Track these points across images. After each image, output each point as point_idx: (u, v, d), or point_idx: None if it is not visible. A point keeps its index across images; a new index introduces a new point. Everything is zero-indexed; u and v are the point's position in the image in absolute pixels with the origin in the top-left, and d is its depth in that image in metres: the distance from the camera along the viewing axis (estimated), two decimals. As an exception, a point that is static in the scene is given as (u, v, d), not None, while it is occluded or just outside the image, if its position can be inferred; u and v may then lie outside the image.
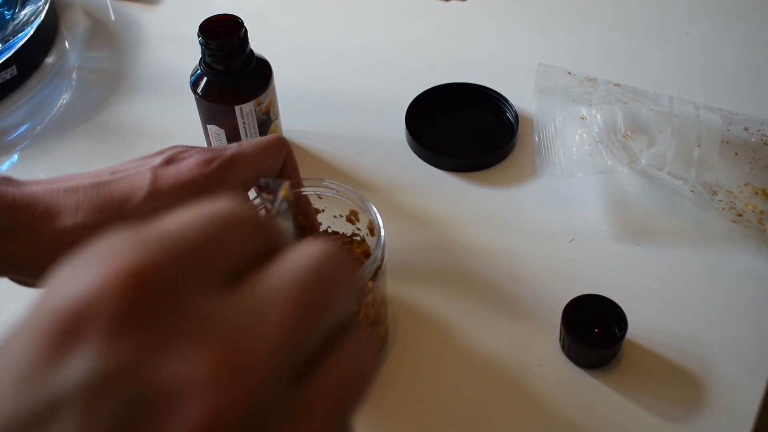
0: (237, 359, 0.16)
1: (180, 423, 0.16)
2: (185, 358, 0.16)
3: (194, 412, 0.16)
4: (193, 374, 0.16)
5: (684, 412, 0.48)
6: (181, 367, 0.16)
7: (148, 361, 0.16)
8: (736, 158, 0.60)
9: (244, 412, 0.16)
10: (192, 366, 0.16)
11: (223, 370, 0.16)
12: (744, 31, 0.75)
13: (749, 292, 0.54)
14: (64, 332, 0.16)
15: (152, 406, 0.16)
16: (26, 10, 0.72)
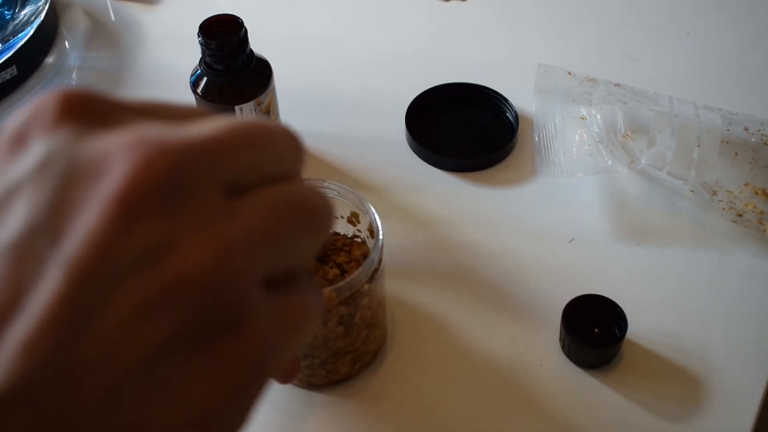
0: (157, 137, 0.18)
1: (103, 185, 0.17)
2: (113, 136, 0.18)
3: (117, 171, 0.17)
4: (118, 143, 0.18)
5: (684, 412, 0.48)
6: (108, 141, 0.18)
7: (80, 141, 0.18)
8: (736, 158, 0.60)
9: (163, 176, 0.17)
10: (118, 138, 0.18)
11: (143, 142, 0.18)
12: (744, 31, 0.75)
13: (749, 292, 0.54)
14: (16, 139, 0.19)
15: (83, 174, 0.18)
16: (26, 10, 0.72)
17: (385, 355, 0.51)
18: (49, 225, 0.17)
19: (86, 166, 0.18)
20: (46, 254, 0.17)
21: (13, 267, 0.17)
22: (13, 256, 0.17)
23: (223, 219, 0.18)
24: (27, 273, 0.17)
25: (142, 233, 0.17)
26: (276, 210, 0.19)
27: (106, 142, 0.18)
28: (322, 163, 0.63)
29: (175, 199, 0.18)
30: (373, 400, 0.49)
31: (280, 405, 0.49)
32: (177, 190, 0.18)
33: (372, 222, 0.47)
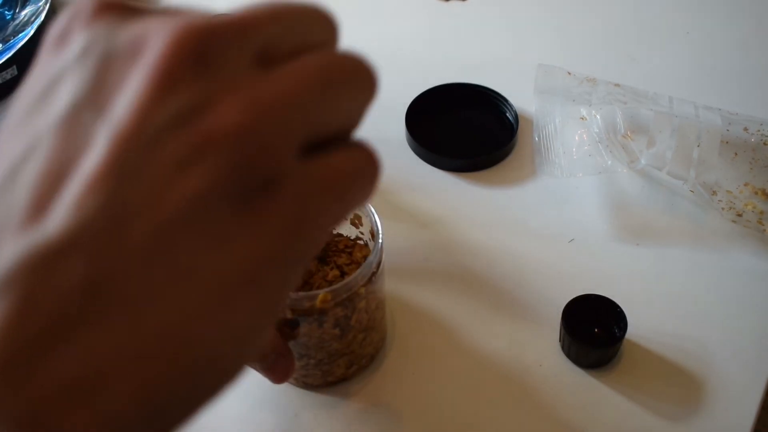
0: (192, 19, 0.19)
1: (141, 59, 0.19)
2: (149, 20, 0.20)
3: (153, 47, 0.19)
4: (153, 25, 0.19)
5: (683, 412, 0.48)
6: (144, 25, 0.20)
7: (119, 27, 0.20)
8: (736, 158, 0.60)
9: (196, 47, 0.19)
10: (153, 22, 0.19)
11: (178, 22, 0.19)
12: (744, 31, 0.75)
13: (749, 291, 0.54)
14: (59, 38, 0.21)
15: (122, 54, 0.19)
16: (27, 11, 0.72)
17: (383, 354, 0.51)
18: (92, 99, 0.19)
19: (124, 47, 0.19)
20: (92, 125, 0.19)
21: (62, 138, 0.19)
22: (61, 129, 0.19)
23: (255, 82, 0.19)
24: (75, 142, 0.18)
25: (179, 97, 0.18)
26: (310, 70, 0.20)
27: (141, 26, 0.20)
28: (322, 163, 0.63)
29: (208, 66, 0.19)
30: (371, 400, 0.49)
31: (276, 403, 0.49)
32: (210, 58, 0.19)
33: (372, 225, 0.47)
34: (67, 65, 0.20)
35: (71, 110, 0.19)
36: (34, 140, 0.19)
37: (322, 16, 0.22)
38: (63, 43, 0.21)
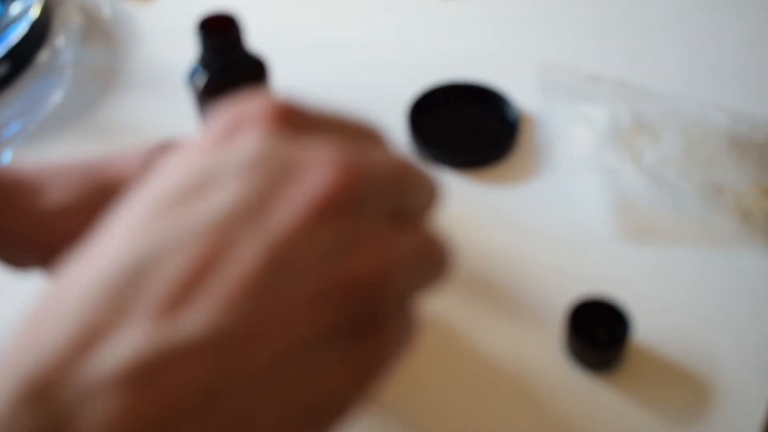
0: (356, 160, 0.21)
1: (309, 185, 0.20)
2: (319, 148, 0.21)
3: (320, 179, 0.20)
4: (323, 155, 0.21)
5: (689, 415, 0.47)
6: (316, 152, 0.21)
7: (292, 146, 0.21)
8: (742, 157, 0.60)
9: (354, 193, 0.21)
10: (324, 151, 0.21)
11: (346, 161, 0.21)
12: (750, 29, 0.74)
13: (756, 292, 0.54)
14: (231, 129, 0.22)
15: (292, 174, 0.21)
16: (19, 6, 0.71)
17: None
18: (257, 208, 0.20)
19: (291, 166, 0.21)
20: (250, 231, 0.20)
21: (214, 239, 0.20)
22: (215, 230, 0.20)
23: (389, 238, 0.22)
24: (231, 242, 0.19)
25: (331, 231, 0.20)
26: (424, 244, 0.23)
27: (311, 150, 0.21)
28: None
29: (357, 210, 0.21)
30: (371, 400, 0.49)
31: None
32: (361, 204, 0.21)
33: None
34: (231, 166, 0.21)
35: (229, 215, 0.20)
36: (184, 232, 0.20)
37: (436, 185, 0.25)
38: (230, 139, 0.21)
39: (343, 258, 0.20)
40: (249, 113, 0.22)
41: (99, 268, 0.19)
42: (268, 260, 0.19)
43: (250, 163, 0.21)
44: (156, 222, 0.20)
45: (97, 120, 0.68)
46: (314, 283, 0.20)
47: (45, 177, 0.40)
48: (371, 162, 0.22)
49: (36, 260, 0.41)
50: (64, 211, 0.39)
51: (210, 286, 0.19)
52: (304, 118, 0.22)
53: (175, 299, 0.18)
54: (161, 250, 0.19)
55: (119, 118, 0.68)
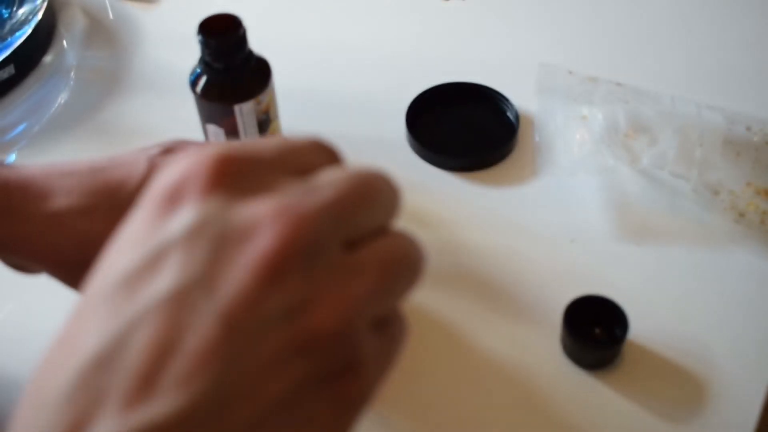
0: (296, 206, 0.21)
1: (252, 248, 0.20)
2: (258, 205, 0.21)
3: (262, 240, 0.20)
4: (262, 215, 0.21)
5: (685, 413, 0.48)
6: (254, 211, 0.21)
7: (229, 209, 0.21)
8: (739, 158, 0.60)
9: (300, 246, 0.21)
10: (262, 209, 0.21)
11: (285, 212, 0.21)
12: (746, 30, 0.75)
13: (751, 292, 0.54)
14: (169, 199, 0.21)
15: (234, 240, 0.20)
16: (24, 9, 0.72)
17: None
18: (204, 280, 0.20)
19: (236, 232, 0.21)
20: (202, 305, 0.20)
21: (171, 313, 0.20)
22: (171, 303, 0.20)
23: (344, 277, 0.21)
24: (184, 319, 0.19)
25: (283, 293, 0.20)
26: (385, 266, 0.23)
27: (252, 211, 0.21)
28: (321, 163, 0.63)
29: (308, 262, 0.21)
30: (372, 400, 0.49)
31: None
32: (310, 254, 0.21)
33: None
34: (176, 237, 0.21)
35: (181, 287, 0.20)
36: (142, 311, 0.20)
37: (394, 192, 0.24)
38: (173, 207, 0.21)
39: (302, 317, 0.20)
40: (184, 179, 0.22)
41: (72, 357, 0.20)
42: (223, 329, 0.19)
43: (191, 236, 0.20)
44: (112, 308, 0.20)
45: (101, 121, 0.68)
46: (276, 342, 0.20)
47: (52, 180, 0.40)
48: (316, 200, 0.21)
49: (43, 264, 0.41)
50: (71, 215, 0.39)
51: (172, 365, 0.19)
52: (242, 168, 0.22)
53: (141, 383, 0.19)
54: (123, 335, 0.19)
55: (123, 120, 0.68)
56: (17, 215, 0.39)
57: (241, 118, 0.57)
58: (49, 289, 0.43)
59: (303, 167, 0.24)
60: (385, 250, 0.23)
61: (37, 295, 0.53)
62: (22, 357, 0.49)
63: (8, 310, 0.55)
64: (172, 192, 0.22)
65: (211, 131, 0.59)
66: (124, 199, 0.40)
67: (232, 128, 0.58)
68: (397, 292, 0.23)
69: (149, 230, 0.21)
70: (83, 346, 0.20)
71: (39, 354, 0.21)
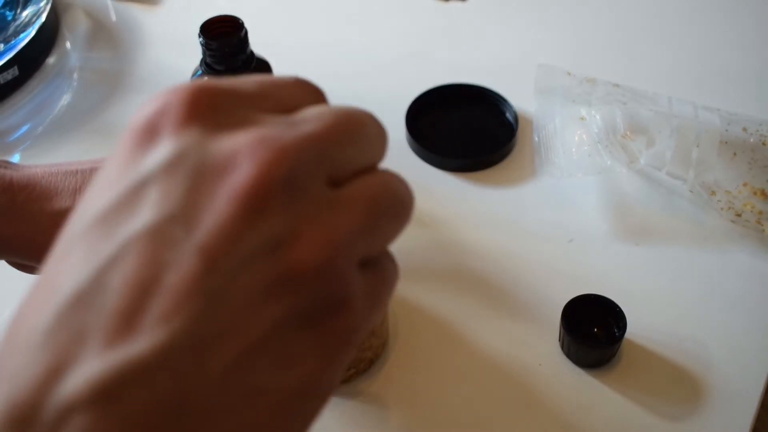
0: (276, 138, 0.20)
1: (231, 181, 0.19)
2: (237, 136, 0.20)
3: (241, 173, 0.19)
4: (241, 147, 0.20)
5: (683, 412, 0.48)
6: (233, 142, 0.20)
7: (207, 141, 0.20)
8: (735, 158, 0.60)
9: (280, 178, 0.20)
10: (242, 140, 0.20)
11: (265, 143, 0.20)
12: (743, 31, 0.75)
13: (748, 291, 0.54)
14: (144, 134, 0.21)
15: (213, 172, 0.20)
16: (27, 11, 0.72)
17: (384, 355, 0.51)
18: (183, 215, 0.19)
19: (215, 164, 0.20)
20: (181, 240, 0.19)
21: (150, 249, 0.19)
22: (149, 239, 0.19)
23: (330, 212, 0.21)
24: (163, 255, 0.19)
25: (265, 225, 0.19)
26: (372, 202, 0.22)
27: (231, 142, 0.20)
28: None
29: (290, 194, 0.20)
30: (372, 400, 0.49)
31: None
32: (292, 186, 0.20)
33: None
34: (154, 172, 0.20)
35: (159, 222, 0.19)
36: (120, 248, 0.19)
37: (380, 131, 0.24)
38: (149, 142, 0.21)
39: (285, 250, 0.19)
40: (163, 108, 0.21)
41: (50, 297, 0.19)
42: (203, 265, 0.19)
43: (169, 168, 0.20)
44: (89, 247, 0.19)
45: (104, 122, 0.69)
46: (259, 278, 0.19)
47: (55, 180, 0.40)
48: (298, 132, 0.21)
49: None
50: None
51: (152, 302, 0.18)
52: (220, 100, 0.21)
53: (122, 321, 0.18)
54: (101, 273, 0.19)
55: (126, 121, 0.68)
56: (21, 215, 0.39)
57: (243, 120, 0.58)
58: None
59: (285, 104, 0.23)
60: (372, 186, 0.22)
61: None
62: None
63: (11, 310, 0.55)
64: (148, 126, 0.21)
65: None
66: None
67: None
68: (385, 231, 0.22)
69: (125, 166, 0.20)
70: (61, 286, 0.19)
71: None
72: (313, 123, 0.21)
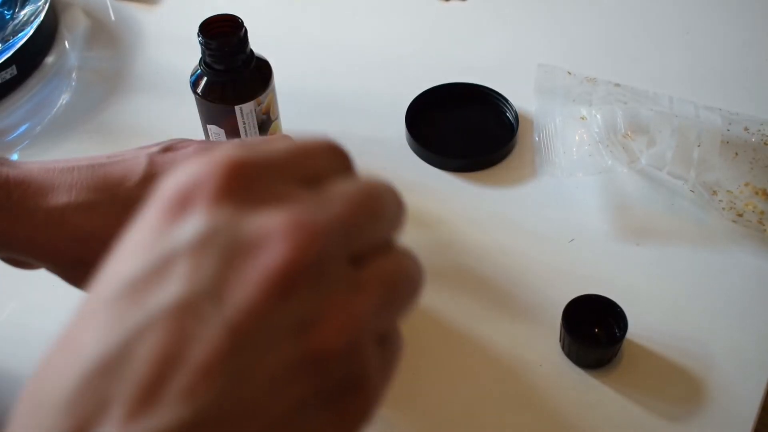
0: (308, 221, 0.21)
1: (263, 261, 0.20)
2: (269, 218, 0.21)
3: (274, 253, 0.20)
4: (274, 227, 0.20)
5: (684, 412, 0.48)
6: (265, 224, 0.21)
7: (240, 218, 0.21)
8: (736, 158, 0.60)
9: (311, 261, 0.20)
10: (274, 220, 0.21)
11: (297, 226, 0.21)
12: (744, 30, 0.75)
13: (749, 291, 0.54)
14: (177, 204, 0.21)
15: (244, 250, 0.20)
16: (26, 10, 0.72)
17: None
18: (212, 290, 0.20)
19: (247, 243, 0.20)
20: (209, 315, 0.19)
21: (178, 323, 0.19)
22: (178, 312, 0.19)
23: (352, 294, 0.21)
24: (191, 329, 0.19)
25: (292, 307, 0.20)
26: (390, 284, 0.23)
27: (263, 221, 0.21)
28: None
29: (317, 276, 0.21)
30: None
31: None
32: (319, 269, 0.21)
33: None
34: (185, 245, 0.20)
35: (189, 296, 0.19)
36: (148, 318, 0.19)
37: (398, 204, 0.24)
38: (181, 213, 0.21)
39: (310, 332, 0.20)
40: (194, 184, 0.21)
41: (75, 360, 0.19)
42: (230, 341, 0.19)
43: (201, 243, 0.20)
44: (117, 313, 0.20)
45: (102, 122, 0.69)
46: (284, 358, 0.20)
47: (51, 177, 0.40)
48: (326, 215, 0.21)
49: (42, 260, 0.41)
50: (70, 211, 0.39)
51: (176, 376, 0.19)
52: (253, 175, 0.22)
53: (145, 393, 0.18)
54: (127, 342, 0.19)
55: (124, 121, 0.69)
56: (17, 211, 0.39)
57: (242, 119, 0.58)
58: (51, 288, 0.43)
59: (313, 173, 0.23)
60: (389, 268, 0.23)
61: (40, 295, 0.53)
62: (24, 356, 0.50)
63: (11, 308, 0.55)
64: (182, 197, 0.21)
65: (212, 132, 0.60)
66: (123, 196, 0.40)
67: (232, 129, 0.58)
68: (399, 309, 0.23)
69: (157, 235, 0.21)
70: (86, 351, 0.19)
71: (41, 354, 0.21)
72: (340, 204, 0.22)
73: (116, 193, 0.40)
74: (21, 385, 0.20)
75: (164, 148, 0.43)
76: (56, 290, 0.42)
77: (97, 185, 0.40)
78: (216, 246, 0.20)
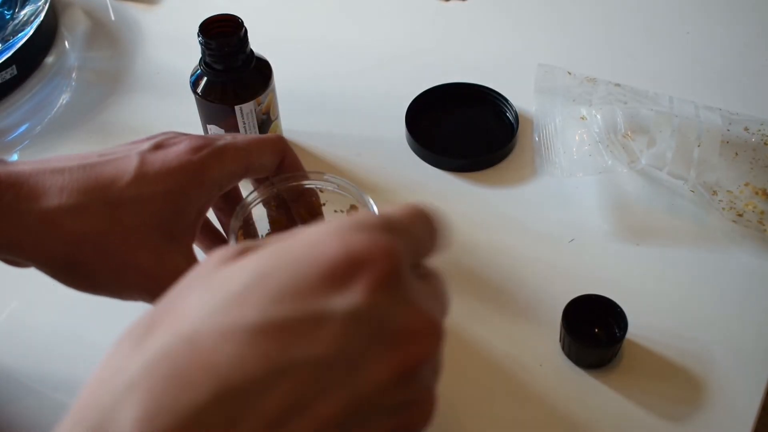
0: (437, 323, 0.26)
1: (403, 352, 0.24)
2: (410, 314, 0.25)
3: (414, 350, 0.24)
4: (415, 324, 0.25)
5: (684, 412, 0.48)
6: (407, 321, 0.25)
7: (389, 310, 0.24)
8: (737, 158, 0.60)
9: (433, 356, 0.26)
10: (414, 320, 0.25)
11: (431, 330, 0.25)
12: (744, 30, 0.75)
13: (749, 291, 0.54)
14: (342, 272, 0.24)
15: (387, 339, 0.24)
16: (26, 10, 0.72)
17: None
18: (352, 361, 0.23)
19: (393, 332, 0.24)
20: (341, 380, 0.23)
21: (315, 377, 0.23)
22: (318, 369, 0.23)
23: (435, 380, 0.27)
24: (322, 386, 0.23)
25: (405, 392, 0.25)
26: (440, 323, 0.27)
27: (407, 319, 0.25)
28: (322, 164, 0.63)
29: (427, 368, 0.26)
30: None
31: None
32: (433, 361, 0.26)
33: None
34: (341, 314, 0.24)
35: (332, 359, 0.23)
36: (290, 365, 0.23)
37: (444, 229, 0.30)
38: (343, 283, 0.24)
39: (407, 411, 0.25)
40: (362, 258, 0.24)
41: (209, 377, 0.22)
42: (350, 406, 0.23)
43: (356, 318, 0.24)
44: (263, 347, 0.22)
45: (102, 122, 0.69)
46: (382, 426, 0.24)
47: (43, 179, 0.40)
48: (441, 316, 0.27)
49: (34, 263, 0.40)
50: (62, 214, 0.39)
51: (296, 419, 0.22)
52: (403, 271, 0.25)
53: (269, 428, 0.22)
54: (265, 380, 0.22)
55: (124, 120, 0.69)
56: (8, 214, 0.39)
57: (242, 119, 0.58)
58: (52, 288, 0.43)
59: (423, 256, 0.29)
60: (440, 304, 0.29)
61: (40, 294, 0.53)
62: (24, 356, 0.50)
63: (12, 308, 0.55)
64: (348, 266, 0.24)
65: (212, 132, 0.60)
66: (115, 197, 0.40)
67: (232, 129, 0.58)
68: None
69: (317, 290, 0.24)
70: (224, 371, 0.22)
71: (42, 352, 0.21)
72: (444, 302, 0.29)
73: (107, 194, 0.40)
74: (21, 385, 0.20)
75: (155, 145, 0.43)
76: (57, 290, 0.42)
77: (89, 187, 0.40)
78: (368, 326, 0.24)
